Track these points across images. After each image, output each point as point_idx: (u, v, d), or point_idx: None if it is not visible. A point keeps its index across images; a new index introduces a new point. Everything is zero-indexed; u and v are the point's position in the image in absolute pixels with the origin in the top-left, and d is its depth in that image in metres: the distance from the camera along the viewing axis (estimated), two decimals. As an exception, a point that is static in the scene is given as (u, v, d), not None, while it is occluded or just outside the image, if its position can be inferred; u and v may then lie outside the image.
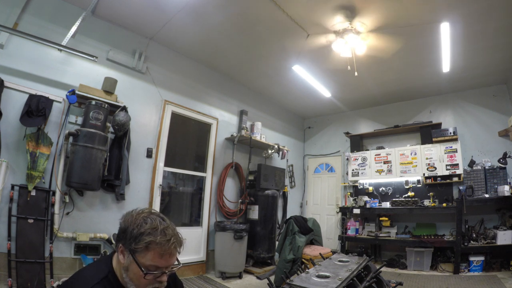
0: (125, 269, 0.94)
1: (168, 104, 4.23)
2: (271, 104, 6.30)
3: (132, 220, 0.95)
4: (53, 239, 2.91)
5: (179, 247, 0.99)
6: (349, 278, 1.59)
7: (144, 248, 0.91)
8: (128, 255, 0.93)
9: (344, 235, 5.43)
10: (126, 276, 0.94)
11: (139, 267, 0.91)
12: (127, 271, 0.94)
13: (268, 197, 4.82)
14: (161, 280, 0.96)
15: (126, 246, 0.93)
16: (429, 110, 5.68)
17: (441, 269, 4.38)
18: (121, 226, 0.97)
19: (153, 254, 0.91)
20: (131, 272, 0.93)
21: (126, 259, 0.93)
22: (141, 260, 0.91)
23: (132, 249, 0.92)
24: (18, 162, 2.81)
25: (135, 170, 3.71)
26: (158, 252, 0.92)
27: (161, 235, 0.92)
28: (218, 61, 4.75)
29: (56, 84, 3.16)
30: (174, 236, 0.97)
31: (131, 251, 0.92)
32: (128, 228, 0.93)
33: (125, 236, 0.94)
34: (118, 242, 0.97)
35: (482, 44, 3.83)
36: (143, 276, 0.91)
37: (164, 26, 3.78)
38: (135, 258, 0.91)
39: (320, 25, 3.57)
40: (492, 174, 4.56)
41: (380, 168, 5.64)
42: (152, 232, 0.92)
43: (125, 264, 0.94)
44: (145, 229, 0.92)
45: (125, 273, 0.94)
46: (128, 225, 0.94)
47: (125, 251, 0.94)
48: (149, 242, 0.90)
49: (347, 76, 4.72)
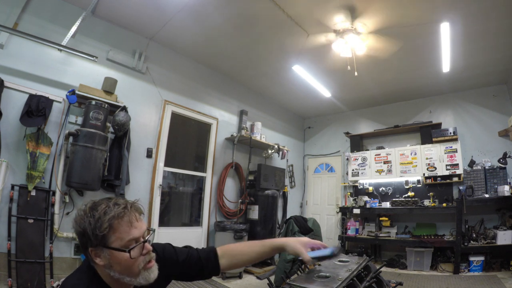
0: (108, 267, 0.87)
1: (168, 104, 4.23)
2: (271, 104, 6.30)
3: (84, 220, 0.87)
4: (53, 239, 2.91)
5: (139, 209, 0.93)
6: (349, 278, 1.59)
7: (110, 229, 0.85)
8: (102, 251, 0.86)
9: (344, 235, 5.42)
10: (114, 273, 0.87)
11: (119, 250, 0.85)
12: (112, 267, 0.86)
13: (268, 197, 4.82)
14: (147, 250, 0.91)
15: (95, 245, 0.86)
16: (429, 110, 5.68)
17: (441, 269, 4.38)
18: (78, 232, 0.88)
19: (122, 229, 0.86)
20: (116, 263, 0.86)
21: (103, 257, 0.86)
22: (116, 244, 0.85)
23: (102, 242, 0.85)
24: (18, 162, 2.81)
25: (135, 170, 3.71)
26: (124, 223, 0.87)
27: (115, 207, 0.87)
28: (218, 61, 4.74)
29: (56, 84, 3.16)
30: (127, 202, 0.91)
31: (102, 244, 0.85)
32: (85, 228, 0.85)
33: (88, 237, 0.85)
34: (86, 249, 0.87)
35: (482, 44, 3.83)
36: (129, 256, 0.85)
37: (164, 26, 3.78)
38: (110, 246, 0.85)
39: (320, 25, 3.57)
40: (492, 174, 4.56)
41: (380, 168, 5.64)
42: (106, 211, 0.86)
43: (105, 262, 0.86)
44: (99, 215, 0.85)
45: (111, 270, 0.87)
46: (83, 226, 0.86)
47: (97, 250, 0.86)
48: (110, 220, 0.84)
49: (347, 76, 4.72)
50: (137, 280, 0.90)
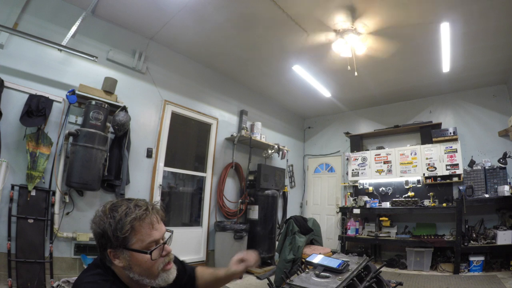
0: (128, 268, 0.87)
1: (168, 104, 4.23)
2: (271, 104, 6.30)
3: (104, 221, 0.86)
4: (53, 239, 2.91)
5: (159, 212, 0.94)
6: (349, 278, 1.59)
7: (131, 231, 0.85)
8: (122, 252, 0.86)
9: (344, 235, 5.42)
10: (133, 274, 0.87)
11: (140, 252, 0.86)
12: (132, 268, 0.87)
13: (268, 197, 4.82)
14: (167, 251, 0.92)
15: (115, 247, 0.86)
16: (429, 110, 5.68)
17: (441, 269, 4.38)
18: (97, 233, 0.87)
19: (143, 231, 0.86)
20: (136, 265, 0.87)
21: (123, 258, 0.86)
22: (137, 246, 0.86)
23: (123, 243, 0.85)
24: (18, 162, 2.81)
25: (135, 170, 3.71)
26: (145, 225, 0.87)
27: (136, 209, 0.87)
28: (218, 61, 4.74)
29: (56, 84, 3.16)
30: (148, 203, 0.92)
31: (122, 246, 0.85)
32: (105, 229, 0.85)
33: (108, 239, 0.85)
34: (104, 250, 0.87)
35: (482, 44, 3.83)
36: (150, 258, 0.86)
37: (164, 26, 3.78)
38: (132, 248, 0.85)
39: (320, 25, 3.57)
40: (492, 174, 4.56)
41: (380, 168, 5.64)
42: (127, 213, 0.86)
43: (125, 264, 0.87)
44: (120, 216, 0.85)
45: (131, 272, 0.87)
46: (103, 227, 0.86)
47: (117, 252, 0.86)
48: (131, 221, 0.85)
49: (347, 76, 4.72)
50: (156, 282, 0.90)
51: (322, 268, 1.68)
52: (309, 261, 1.82)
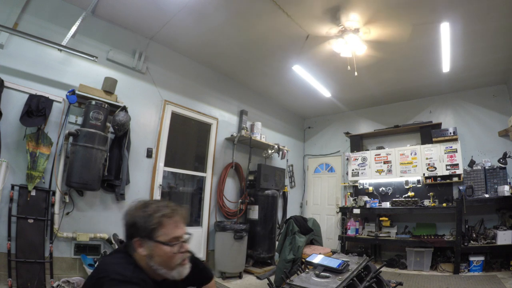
0: (149, 257, 1.00)
1: (168, 104, 4.23)
2: (271, 104, 6.30)
3: (137, 213, 1.02)
4: (53, 239, 2.91)
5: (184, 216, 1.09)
6: (349, 278, 1.59)
7: (159, 225, 1.00)
8: (147, 242, 1.00)
9: (344, 235, 5.43)
10: (153, 263, 1.00)
11: (163, 244, 0.99)
12: (153, 258, 1.00)
13: (268, 197, 4.82)
14: (185, 249, 1.06)
15: (142, 237, 1.00)
16: (429, 110, 5.68)
17: (441, 269, 4.38)
18: (129, 223, 1.03)
19: (168, 227, 1.02)
20: (157, 256, 1.00)
21: (147, 248, 1.00)
22: (162, 239, 1.00)
23: (149, 234, 0.99)
24: (18, 162, 2.81)
25: (135, 170, 3.71)
26: (171, 222, 1.03)
27: (167, 209, 1.04)
28: (218, 61, 4.74)
29: (56, 84, 3.16)
30: (176, 205, 1.10)
31: (149, 237, 0.99)
32: (137, 221, 1.01)
33: (137, 229, 1.00)
34: (131, 238, 1.02)
35: (482, 44, 3.83)
36: (171, 251, 1.00)
37: (164, 26, 3.78)
38: (156, 240, 0.99)
39: (320, 25, 3.57)
40: (492, 174, 4.56)
41: (380, 168, 5.64)
42: (158, 209, 1.02)
43: (147, 253, 1.00)
44: (152, 211, 1.01)
45: (151, 261, 1.00)
46: (135, 219, 1.01)
47: (142, 242, 1.00)
48: (160, 217, 1.00)
49: (347, 76, 4.72)
50: (171, 274, 1.03)
51: (322, 268, 1.68)
52: (309, 261, 1.83)
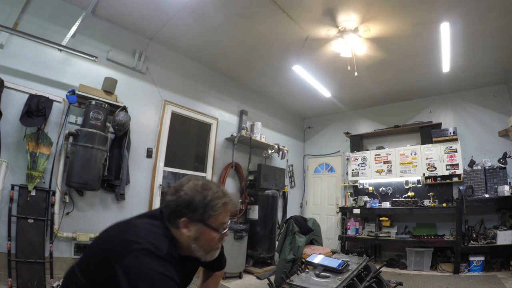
0: (193, 238, 0.98)
1: (168, 104, 4.23)
2: (271, 104, 6.30)
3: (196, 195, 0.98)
4: (53, 239, 2.91)
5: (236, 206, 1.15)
6: (349, 278, 1.59)
7: (217, 213, 0.99)
8: (196, 225, 0.97)
9: (344, 235, 5.42)
10: (195, 245, 0.99)
11: (213, 229, 1.00)
12: (197, 240, 0.99)
13: (268, 197, 4.82)
14: (226, 236, 1.08)
15: (192, 218, 0.97)
16: (429, 110, 5.68)
17: (441, 269, 4.38)
18: (184, 201, 0.97)
19: (223, 214, 1.01)
20: (202, 240, 0.99)
21: (194, 230, 0.98)
22: (212, 224, 0.99)
23: (203, 218, 0.98)
24: (18, 162, 2.81)
25: (135, 170, 3.71)
26: (226, 210, 1.03)
27: (225, 197, 1.03)
28: (218, 61, 4.74)
29: (56, 84, 3.16)
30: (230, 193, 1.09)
31: (201, 221, 0.97)
32: (195, 203, 0.97)
33: (192, 210, 0.97)
34: (178, 217, 0.97)
35: (482, 44, 3.83)
36: (218, 237, 1.01)
37: (164, 26, 3.78)
38: (208, 225, 0.98)
39: (320, 25, 3.57)
40: (492, 174, 4.56)
41: (380, 168, 5.64)
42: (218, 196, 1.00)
43: (192, 235, 0.98)
44: (212, 197, 0.99)
45: (194, 242, 0.99)
46: (194, 200, 0.97)
47: (190, 223, 0.97)
48: (221, 206, 1.00)
49: (347, 76, 4.72)
50: (206, 256, 1.04)
51: (322, 268, 1.68)
52: (309, 261, 1.83)
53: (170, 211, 0.99)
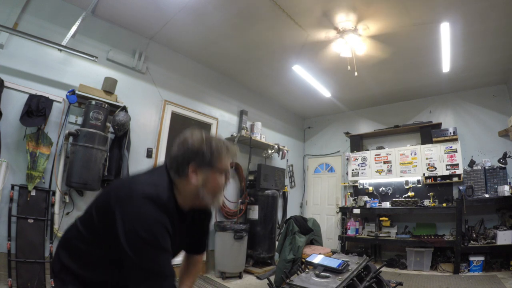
0: (202, 184, 1.05)
1: (168, 104, 4.23)
2: (271, 104, 6.30)
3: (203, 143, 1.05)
4: (53, 239, 2.91)
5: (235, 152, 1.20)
6: (349, 278, 1.59)
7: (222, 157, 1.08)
8: (204, 170, 1.05)
9: (344, 235, 5.42)
10: (203, 191, 1.06)
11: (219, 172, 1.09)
12: (205, 185, 1.06)
13: (268, 197, 4.82)
14: (228, 179, 1.16)
15: (201, 163, 1.04)
16: (429, 110, 5.68)
17: (441, 269, 4.38)
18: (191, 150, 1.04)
19: (226, 159, 1.11)
20: (210, 184, 1.07)
21: (202, 174, 1.05)
22: (219, 167, 1.08)
23: (210, 163, 1.05)
24: (18, 162, 2.81)
25: (135, 170, 3.71)
26: (229, 156, 1.12)
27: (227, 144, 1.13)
28: (218, 61, 4.74)
29: (56, 84, 3.16)
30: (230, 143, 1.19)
31: (210, 165, 1.05)
32: (202, 149, 1.04)
33: (198, 156, 1.04)
34: (186, 164, 1.03)
35: (482, 44, 3.83)
36: (222, 179, 1.10)
37: (164, 26, 3.78)
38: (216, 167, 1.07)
39: (320, 25, 3.57)
40: (492, 174, 4.56)
41: (380, 168, 5.64)
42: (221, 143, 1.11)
43: (200, 182, 1.05)
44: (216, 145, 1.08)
45: (202, 189, 1.05)
46: (200, 147, 1.04)
47: (199, 169, 1.04)
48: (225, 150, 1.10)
49: (347, 76, 4.72)
50: (213, 200, 1.10)
51: (322, 268, 1.68)
52: (309, 261, 1.83)
53: (177, 163, 1.05)
